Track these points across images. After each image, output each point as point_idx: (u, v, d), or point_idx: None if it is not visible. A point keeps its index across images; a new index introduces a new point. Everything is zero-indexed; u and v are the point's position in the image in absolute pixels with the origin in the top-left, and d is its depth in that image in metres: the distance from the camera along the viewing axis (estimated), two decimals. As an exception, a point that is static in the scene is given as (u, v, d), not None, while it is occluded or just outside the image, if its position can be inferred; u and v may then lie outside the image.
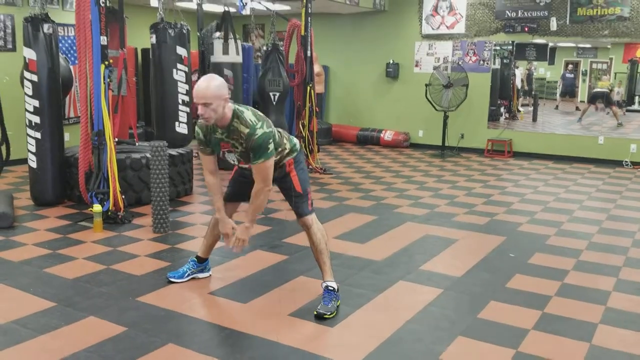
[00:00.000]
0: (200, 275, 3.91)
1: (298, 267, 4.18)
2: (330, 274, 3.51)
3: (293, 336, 3.12)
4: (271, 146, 3.16)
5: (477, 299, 3.68)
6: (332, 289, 3.45)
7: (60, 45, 7.84)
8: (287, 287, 3.82)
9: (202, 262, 3.90)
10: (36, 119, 5.49)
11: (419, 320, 3.36)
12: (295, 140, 3.54)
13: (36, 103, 5.46)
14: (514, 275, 4.10)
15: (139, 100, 9.29)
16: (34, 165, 5.61)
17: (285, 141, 3.42)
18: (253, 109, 3.29)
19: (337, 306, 3.43)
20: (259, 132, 3.12)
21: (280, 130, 3.48)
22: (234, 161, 3.41)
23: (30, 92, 5.46)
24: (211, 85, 3.10)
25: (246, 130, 3.14)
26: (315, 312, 3.33)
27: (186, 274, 3.86)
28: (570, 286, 3.93)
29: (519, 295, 3.74)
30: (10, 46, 7.60)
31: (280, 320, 3.32)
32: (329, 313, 3.32)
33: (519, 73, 10.53)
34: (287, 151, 3.41)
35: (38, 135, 5.52)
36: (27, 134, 5.56)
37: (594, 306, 3.59)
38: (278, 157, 3.35)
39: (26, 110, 5.50)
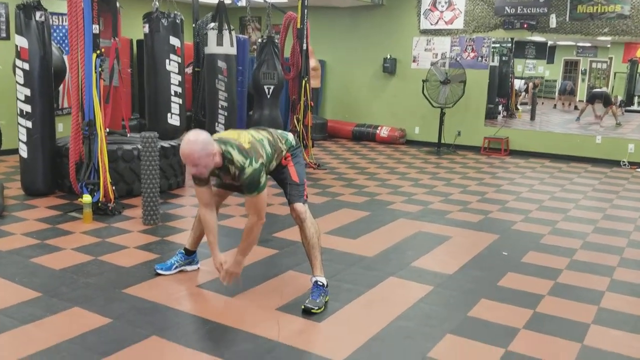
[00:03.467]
0: (188, 267, 3.87)
1: (287, 262, 4.13)
2: (321, 270, 3.47)
3: (280, 330, 3.07)
4: (262, 179, 3.18)
5: (468, 296, 3.64)
6: (321, 284, 3.41)
7: (55, 34, 7.79)
8: (276, 282, 3.77)
9: (190, 255, 3.86)
10: (27, 108, 5.42)
11: (408, 317, 3.31)
12: (291, 137, 3.54)
13: (27, 92, 5.40)
14: (506, 274, 4.05)
15: (134, 92, 9.22)
16: (24, 154, 5.55)
17: (280, 144, 3.42)
18: (239, 143, 3.20)
19: (326, 302, 3.38)
20: (248, 170, 3.13)
21: (274, 132, 3.47)
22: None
23: (21, 81, 5.40)
24: (195, 148, 3.04)
25: (236, 171, 3.16)
26: (303, 307, 3.29)
27: (174, 267, 3.81)
28: (563, 285, 3.88)
29: (511, 294, 3.69)
30: (4, 35, 7.52)
31: (267, 314, 3.27)
32: (316, 308, 3.28)
33: (521, 83, 10.52)
34: (284, 152, 3.43)
35: (29, 124, 5.45)
36: (19, 123, 5.50)
37: (586, 306, 3.54)
38: (276, 159, 3.39)
39: (17, 98, 5.45)
